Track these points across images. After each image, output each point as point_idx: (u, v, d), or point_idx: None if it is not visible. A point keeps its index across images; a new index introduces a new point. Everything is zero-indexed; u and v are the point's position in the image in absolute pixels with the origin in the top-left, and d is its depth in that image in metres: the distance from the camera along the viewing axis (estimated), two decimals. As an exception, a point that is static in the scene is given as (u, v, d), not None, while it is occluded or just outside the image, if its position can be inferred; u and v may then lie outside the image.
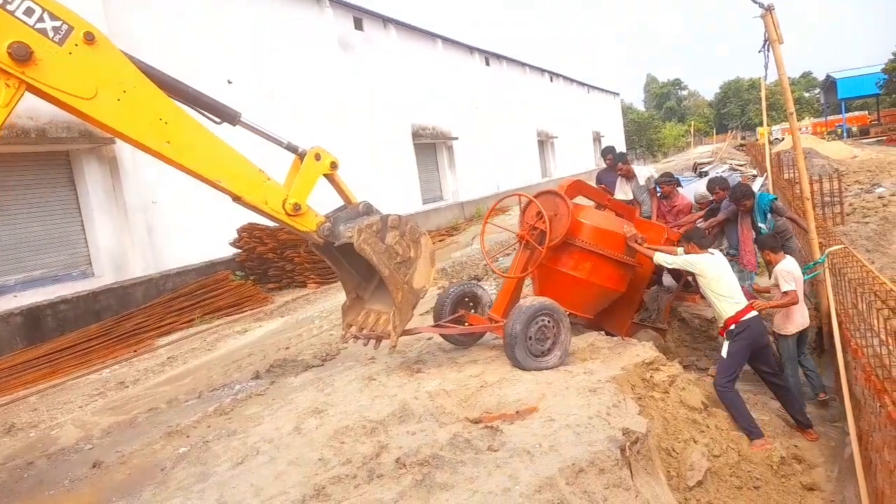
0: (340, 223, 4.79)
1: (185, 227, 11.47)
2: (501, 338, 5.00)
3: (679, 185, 8.78)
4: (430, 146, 21.52)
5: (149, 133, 3.97)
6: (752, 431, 4.93)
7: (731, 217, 6.94)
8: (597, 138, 42.29)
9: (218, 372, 6.86)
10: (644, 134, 59.71)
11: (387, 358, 5.82)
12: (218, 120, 4.48)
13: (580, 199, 6.48)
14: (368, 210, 4.90)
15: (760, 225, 6.67)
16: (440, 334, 5.77)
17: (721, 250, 6.05)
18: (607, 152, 9.16)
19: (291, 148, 4.69)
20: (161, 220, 11.24)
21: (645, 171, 8.48)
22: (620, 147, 33.82)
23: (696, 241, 5.45)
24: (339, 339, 5.93)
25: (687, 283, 6.63)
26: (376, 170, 16.98)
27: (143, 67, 3.97)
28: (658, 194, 8.16)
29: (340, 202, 4.97)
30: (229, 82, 12.77)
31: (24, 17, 3.46)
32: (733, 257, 6.74)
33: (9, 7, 3.42)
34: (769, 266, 6.01)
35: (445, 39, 22.77)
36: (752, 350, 5.22)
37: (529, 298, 5.16)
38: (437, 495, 3.23)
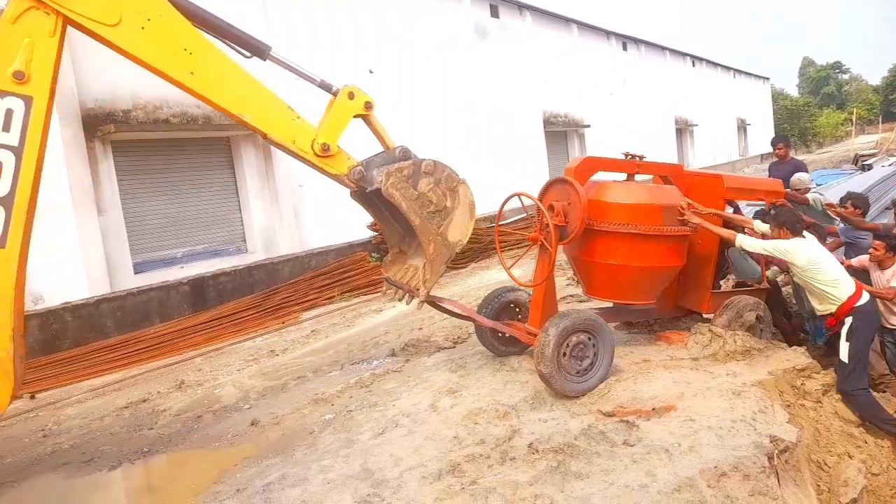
0: (374, 167, 4.48)
1: (327, 209, 12.17)
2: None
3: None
4: (560, 134, 21.21)
5: (172, 63, 3.93)
6: None
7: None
8: (741, 126, 39.46)
9: (357, 347, 7.29)
10: (797, 122, 54.56)
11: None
12: (247, 53, 4.36)
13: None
14: (406, 155, 4.56)
15: None
16: (482, 343, 5.48)
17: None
18: (778, 141, 8.15)
19: (325, 86, 4.47)
20: (306, 203, 12.03)
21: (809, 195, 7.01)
22: (770, 135, 31.26)
23: (788, 226, 4.73)
24: (382, 294, 5.58)
25: None
26: (506, 156, 17.01)
27: None
28: None
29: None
30: (371, 72, 13.32)
31: None
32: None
33: None
34: (881, 265, 5.29)
35: (581, 24, 22.24)
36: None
37: (559, 315, 4.62)
38: (571, 483, 3.27)
